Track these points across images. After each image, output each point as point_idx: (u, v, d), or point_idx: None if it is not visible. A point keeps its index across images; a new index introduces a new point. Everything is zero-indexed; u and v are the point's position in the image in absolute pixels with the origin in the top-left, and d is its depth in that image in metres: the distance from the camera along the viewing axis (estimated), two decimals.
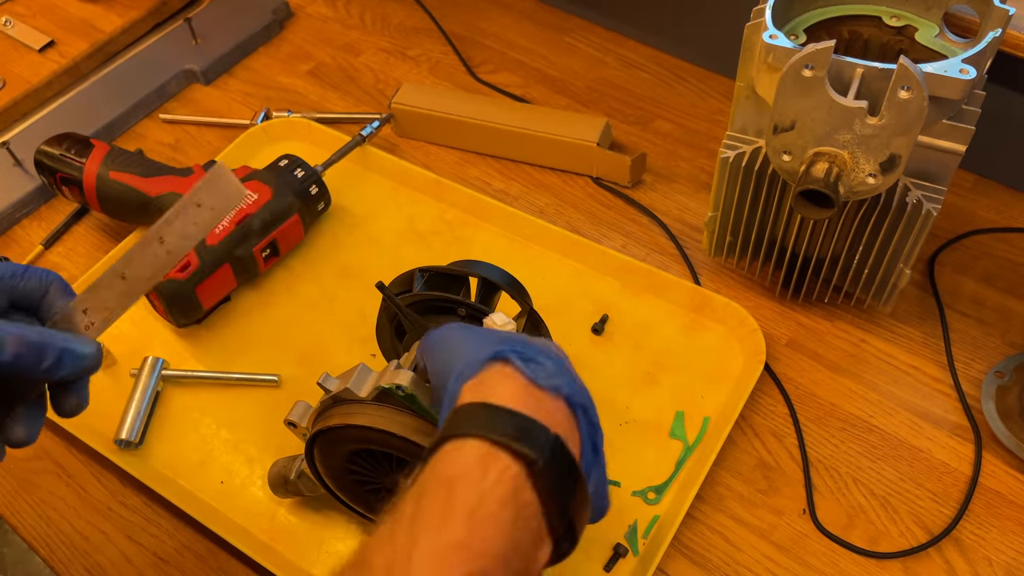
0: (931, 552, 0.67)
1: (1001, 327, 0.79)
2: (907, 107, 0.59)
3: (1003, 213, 0.88)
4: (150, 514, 0.72)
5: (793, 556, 0.68)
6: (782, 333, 0.80)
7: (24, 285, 0.46)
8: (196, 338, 0.81)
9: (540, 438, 0.40)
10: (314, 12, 1.16)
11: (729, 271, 0.85)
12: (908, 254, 0.71)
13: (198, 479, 0.73)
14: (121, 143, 1.00)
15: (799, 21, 0.71)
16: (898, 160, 0.63)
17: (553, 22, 1.12)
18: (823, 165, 0.65)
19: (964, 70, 0.59)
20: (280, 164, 0.85)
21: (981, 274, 0.83)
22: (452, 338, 0.50)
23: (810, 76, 0.61)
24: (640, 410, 0.75)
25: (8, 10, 1.18)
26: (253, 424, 0.76)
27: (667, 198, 0.92)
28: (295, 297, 0.84)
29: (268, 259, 0.82)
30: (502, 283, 0.67)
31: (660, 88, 1.03)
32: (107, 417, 0.75)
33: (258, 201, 0.81)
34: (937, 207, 0.67)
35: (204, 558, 0.69)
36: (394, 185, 0.93)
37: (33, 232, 0.92)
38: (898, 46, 0.70)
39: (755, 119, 0.72)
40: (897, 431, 0.74)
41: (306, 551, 0.68)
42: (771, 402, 0.76)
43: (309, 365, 0.79)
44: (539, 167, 0.95)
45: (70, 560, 0.70)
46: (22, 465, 0.75)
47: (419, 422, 0.55)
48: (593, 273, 0.84)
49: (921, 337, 0.79)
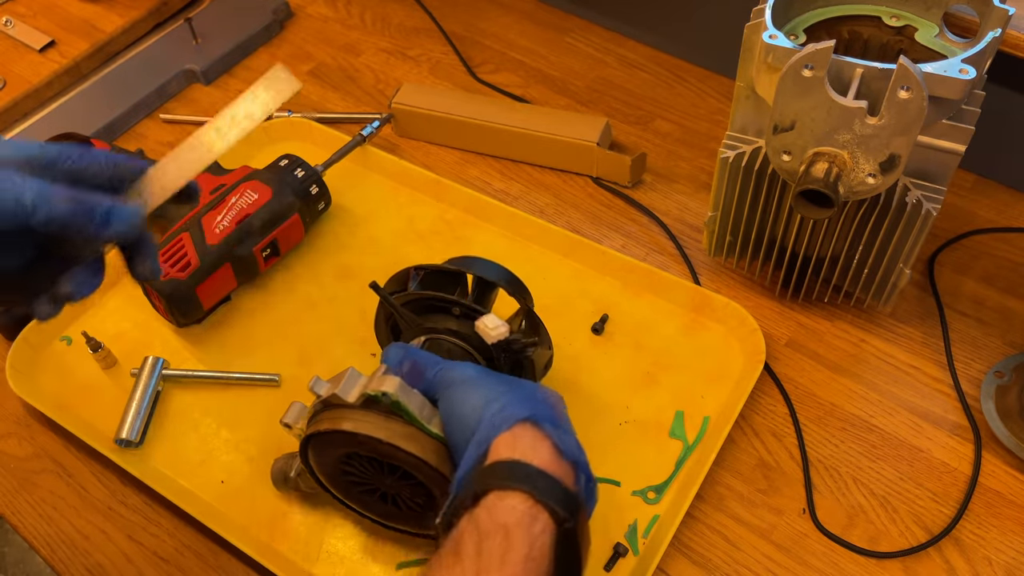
0: (931, 552, 0.67)
1: (1001, 327, 0.79)
2: (907, 107, 0.59)
3: (1003, 213, 0.88)
4: (150, 513, 0.72)
5: (793, 556, 0.68)
6: (782, 333, 0.80)
7: (88, 169, 0.49)
8: (196, 338, 0.81)
9: (570, 503, 0.48)
10: (314, 12, 1.16)
11: (729, 271, 0.85)
12: (908, 254, 0.71)
13: (198, 478, 0.73)
14: (122, 143, 1.00)
15: (799, 21, 0.71)
16: (898, 160, 0.63)
17: (553, 22, 1.12)
18: (823, 165, 0.65)
19: (964, 70, 0.59)
20: (280, 164, 0.85)
21: (981, 274, 0.83)
22: (481, 386, 0.55)
23: (810, 76, 0.61)
24: (640, 410, 0.75)
25: (9, 10, 1.18)
26: (253, 424, 0.76)
27: (667, 198, 0.92)
28: (295, 297, 0.84)
29: (268, 259, 0.82)
30: (499, 280, 0.67)
31: (660, 88, 1.03)
32: (108, 417, 0.75)
33: (258, 201, 0.81)
34: (937, 207, 0.67)
35: (204, 557, 0.69)
36: (394, 185, 0.93)
37: None
38: (898, 46, 0.70)
39: (755, 119, 0.72)
40: (897, 431, 0.74)
41: (307, 551, 0.68)
42: (771, 402, 0.76)
43: (309, 365, 0.79)
44: (539, 167, 0.95)
45: (71, 559, 0.70)
46: (23, 465, 0.75)
47: (407, 428, 0.55)
48: (593, 273, 0.84)
49: (921, 337, 0.79)
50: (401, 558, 0.68)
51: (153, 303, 0.80)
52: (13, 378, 0.77)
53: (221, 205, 0.80)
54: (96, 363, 0.79)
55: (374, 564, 0.68)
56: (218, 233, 0.78)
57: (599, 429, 0.74)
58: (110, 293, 0.85)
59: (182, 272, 0.76)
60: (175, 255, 0.77)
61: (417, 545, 0.68)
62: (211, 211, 0.79)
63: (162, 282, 0.76)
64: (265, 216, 0.81)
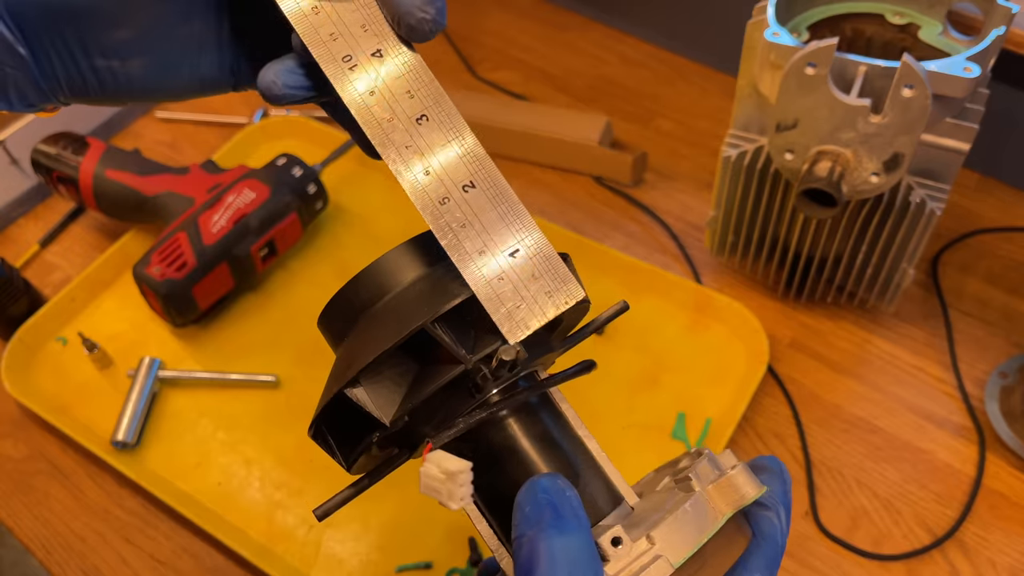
0: (934, 554, 0.67)
1: (1005, 327, 0.79)
2: (910, 105, 0.59)
3: (1007, 212, 0.87)
4: (147, 516, 0.71)
5: (796, 558, 0.67)
6: (785, 333, 0.80)
7: None
8: (193, 338, 0.81)
9: None
10: None
11: (731, 271, 0.85)
12: (911, 254, 0.71)
13: (195, 480, 0.72)
14: (118, 142, 1.00)
15: (802, 19, 0.70)
16: (901, 159, 0.62)
17: (554, 19, 1.11)
18: (826, 164, 0.64)
19: (968, 68, 0.58)
20: (278, 163, 0.84)
21: (985, 274, 0.83)
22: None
23: (813, 74, 0.60)
24: (642, 412, 0.74)
25: None
26: (251, 425, 0.75)
27: (669, 197, 0.91)
28: (293, 297, 0.84)
29: (266, 259, 0.82)
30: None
31: (661, 86, 1.03)
32: (104, 418, 0.75)
33: (255, 200, 0.80)
34: (941, 206, 0.66)
35: (201, 560, 0.69)
36: (393, 184, 0.91)
37: (29, 231, 0.92)
38: (901, 44, 0.70)
39: (757, 117, 0.71)
40: (900, 432, 0.73)
41: (304, 553, 0.68)
42: (773, 403, 0.75)
43: (307, 365, 0.78)
44: (540, 166, 0.94)
45: (67, 562, 0.69)
46: (18, 466, 0.75)
47: None
48: (594, 273, 0.83)
49: (924, 337, 0.79)
50: (400, 561, 0.67)
51: (149, 303, 0.79)
52: (8, 379, 0.76)
53: (218, 204, 0.79)
54: (92, 364, 0.79)
55: (372, 567, 0.67)
56: (215, 233, 0.78)
57: (601, 432, 0.72)
58: (106, 293, 0.84)
59: (179, 272, 0.76)
60: (171, 255, 0.76)
61: (417, 549, 0.68)
62: (208, 210, 0.79)
63: (158, 281, 0.75)
64: (262, 215, 0.80)
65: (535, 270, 0.33)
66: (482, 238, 0.34)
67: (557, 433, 0.37)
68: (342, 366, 0.35)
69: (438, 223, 0.34)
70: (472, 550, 0.67)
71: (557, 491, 0.32)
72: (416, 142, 0.35)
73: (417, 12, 0.33)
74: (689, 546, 0.32)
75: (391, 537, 0.68)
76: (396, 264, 0.38)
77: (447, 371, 0.33)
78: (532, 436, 0.36)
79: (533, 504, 0.31)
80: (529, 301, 0.32)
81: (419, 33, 0.34)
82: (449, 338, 0.32)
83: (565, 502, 0.31)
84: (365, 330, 0.36)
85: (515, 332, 0.32)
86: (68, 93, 0.36)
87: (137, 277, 0.77)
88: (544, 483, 0.32)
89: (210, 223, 0.78)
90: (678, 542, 0.32)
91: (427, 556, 0.67)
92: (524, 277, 0.33)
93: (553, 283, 0.33)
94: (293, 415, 0.75)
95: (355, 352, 0.35)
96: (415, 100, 0.35)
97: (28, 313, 0.81)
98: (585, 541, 0.30)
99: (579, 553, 0.30)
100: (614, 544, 0.31)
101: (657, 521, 0.32)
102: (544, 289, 0.33)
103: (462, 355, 0.33)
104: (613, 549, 0.31)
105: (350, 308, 0.38)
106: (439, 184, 0.35)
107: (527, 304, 0.32)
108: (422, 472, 0.31)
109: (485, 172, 0.35)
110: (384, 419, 0.33)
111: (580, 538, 0.30)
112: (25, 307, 0.81)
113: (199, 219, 0.78)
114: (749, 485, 0.34)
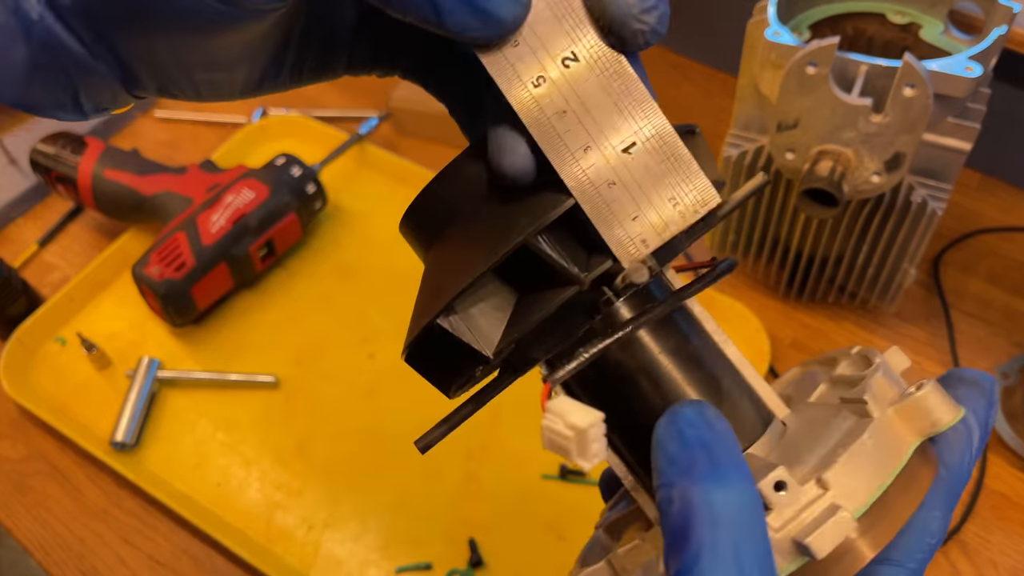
0: (935, 554, 0.66)
1: (1006, 327, 0.79)
2: (912, 105, 0.59)
3: (1009, 212, 0.87)
4: (146, 517, 0.71)
5: None
6: (786, 333, 0.80)
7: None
8: (192, 339, 0.81)
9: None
10: None
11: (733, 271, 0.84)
12: (913, 254, 0.71)
13: (194, 481, 0.72)
14: (117, 141, 0.99)
15: (802, 18, 0.70)
16: (903, 158, 0.62)
17: None
18: (827, 163, 0.64)
19: (969, 67, 0.58)
20: (277, 163, 0.84)
21: (986, 274, 0.83)
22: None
23: (814, 73, 0.60)
24: None
25: None
26: (250, 425, 0.75)
27: None
28: (292, 297, 0.83)
29: (265, 259, 0.82)
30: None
31: (663, 86, 1.02)
32: (102, 418, 0.75)
33: (254, 200, 0.80)
34: (942, 206, 0.66)
35: (201, 561, 0.69)
36: (393, 183, 0.92)
37: (28, 231, 0.92)
38: (902, 43, 0.70)
39: (759, 117, 0.71)
40: None
41: (303, 554, 0.68)
42: None
43: (306, 366, 0.78)
44: None
45: (65, 563, 0.69)
46: (17, 467, 0.74)
47: None
48: None
49: (926, 337, 0.79)
50: (400, 562, 0.67)
51: (148, 303, 0.79)
52: (7, 379, 0.76)
53: (217, 204, 0.79)
54: (91, 364, 0.79)
55: (372, 568, 0.67)
56: (214, 232, 0.77)
57: None
58: (105, 293, 0.84)
59: (177, 272, 0.75)
60: (170, 254, 0.76)
61: (417, 550, 0.67)
62: (206, 210, 0.79)
63: (157, 281, 0.75)
64: (261, 215, 0.80)
65: (656, 169, 0.26)
66: (588, 129, 0.26)
67: (695, 342, 0.31)
68: (432, 287, 0.30)
69: (529, 112, 0.26)
70: (472, 551, 0.67)
71: (707, 425, 0.25)
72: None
73: (633, 23, 0.26)
74: (870, 490, 0.26)
75: (391, 537, 0.68)
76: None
77: (557, 294, 0.27)
78: (667, 351, 0.30)
79: (681, 443, 0.25)
80: (647, 209, 0.27)
81: (631, 45, 0.27)
82: (558, 254, 0.27)
83: (719, 441, 0.25)
84: (457, 242, 0.29)
85: (629, 253, 0.27)
86: (156, 96, 0.30)
87: (136, 277, 0.76)
88: (689, 415, 0.26)
89: (209, 223, 0.78)
90: (856, 486, 0.26)
91: (427, 557, 0.67)
92: (641, 179, 0.26)
93: (678, 186, 0.27)
94: (292, 415, 0.75)
95: (446, 271, 0.29)
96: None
97: (26, 313, 0.80)
98: (749, 494, 0.24)
99: (741, 511, 0.24)
100: (777, 489, 0.25)
101: (829, 459, 0.26)
102: (668, 195, 0.27)
103: (575, 275, 0.27)
104: (776, 495, 0.25)
105: (440, 210, 0.30)
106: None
107: (644, 214, 0.26)
108: (545, 427, 0.25)
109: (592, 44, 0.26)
110: (486, 351, 0.28)
111: (742, 490, 0.24)
112: (23, 307, 0.81)
113: (198, 219, 0.78)
114: (943, 408, 0.27)
